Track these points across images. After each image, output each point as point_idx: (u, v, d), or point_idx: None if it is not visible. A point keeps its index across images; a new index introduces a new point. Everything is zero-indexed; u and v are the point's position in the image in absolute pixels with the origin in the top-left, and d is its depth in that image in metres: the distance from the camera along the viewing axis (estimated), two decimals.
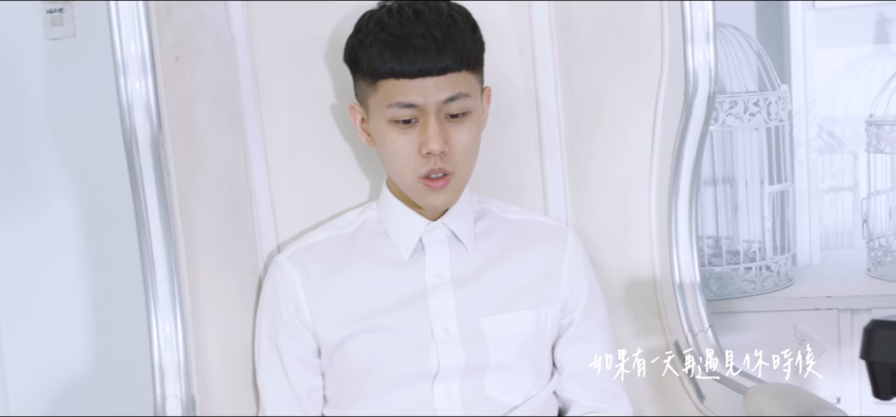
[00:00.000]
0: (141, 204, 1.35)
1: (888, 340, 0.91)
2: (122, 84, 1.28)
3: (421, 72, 1.33)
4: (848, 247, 2.08)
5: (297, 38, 1.55)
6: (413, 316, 1.40)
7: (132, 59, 1.27)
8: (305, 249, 1.46)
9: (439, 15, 1.35)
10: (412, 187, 1.40)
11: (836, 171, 2.08)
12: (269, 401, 1.45)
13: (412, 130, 1.36)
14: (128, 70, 1.27)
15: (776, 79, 1.86)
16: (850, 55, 2.04)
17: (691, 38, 1.41)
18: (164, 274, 1.38)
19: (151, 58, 1.28)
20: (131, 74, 1.27)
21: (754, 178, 1.92)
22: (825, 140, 2.07)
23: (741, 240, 1.96)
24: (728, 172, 2.00)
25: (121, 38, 1.27)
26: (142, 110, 1.29)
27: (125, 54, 1.27)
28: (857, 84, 2.05)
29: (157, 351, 1.39)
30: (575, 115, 1.58)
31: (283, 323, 1.43)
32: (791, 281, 1.85)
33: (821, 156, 2.05)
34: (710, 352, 1.50)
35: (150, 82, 1.28)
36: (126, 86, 1.28)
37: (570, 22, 1.57)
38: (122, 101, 1.28)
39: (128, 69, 1.27)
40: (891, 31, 2.04)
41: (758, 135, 1.88)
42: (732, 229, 2.00)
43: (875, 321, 0.93)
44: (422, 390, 1.39)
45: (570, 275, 1.47)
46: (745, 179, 1.92)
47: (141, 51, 1.27)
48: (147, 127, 1.30)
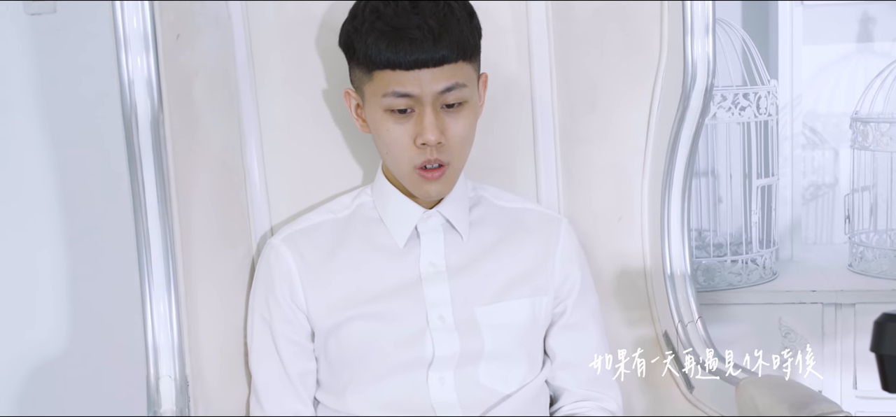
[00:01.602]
0: (138, 182, 1.33)
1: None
2: (124, 60, 1.26)
3: (417, 64, 1.33)
4: (827, 243, 2.11)
5: (292, 19, 1.54)
6: (408, 304, 1.40)
7: (134, 35, 1.26)
8: (300, 232, 1.45)
9: (436, 4, 1.34)
10: (408, 176, 1.39)
11: (818, 167, 2.11)
12: (262, 383, 1.44)
13: (408, 120, 1.36)
14: (129, 46, 1.26)
15: (765, 73, 1.88)
16: (835, 52, 2.07)
17: (691, 30, 1.43)
18: (159, 255, 1.37)
19: (153, 34, 1.26)
20: (133, 50, 1.26)
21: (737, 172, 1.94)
22: (808, 136, 2.09)
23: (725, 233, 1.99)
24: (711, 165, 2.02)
25: (123, 13, 1.25)
26: (143, 87, 1.27)
27: (127, 30, 1.25)
28: (841, 81, 2.08)
29: (151, 332, 1.38)
30: (570, 103, 1.59)
31: (278, 305, 1.42)
32: (776, 274, 1.88)
33: (803, 152, 2.08)
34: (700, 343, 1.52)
35: (151, 59, 1.27)
36: (127, 62, 1.26)
37: (567, 11, 1.57)
38: (124, 77, 1.27)
39: (129, 45, 1.26)
40: (874, 30, 2.07)
41: (739, 128, 1.90)
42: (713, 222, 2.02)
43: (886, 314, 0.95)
44: (417, 377, 1.39)
45: (563, 264, 1.48)
46: (729, 172, 1.95)
47: (143, 26, 1.26)
48: (147, 104, 1.28)
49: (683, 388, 1.51)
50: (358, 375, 1.40)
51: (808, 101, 2.08)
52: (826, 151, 2.11)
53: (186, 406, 1.37)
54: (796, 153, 2.02)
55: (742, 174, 1.94)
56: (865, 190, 1.95)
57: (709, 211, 2.02)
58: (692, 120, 1.48)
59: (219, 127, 1.47)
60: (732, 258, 1.84)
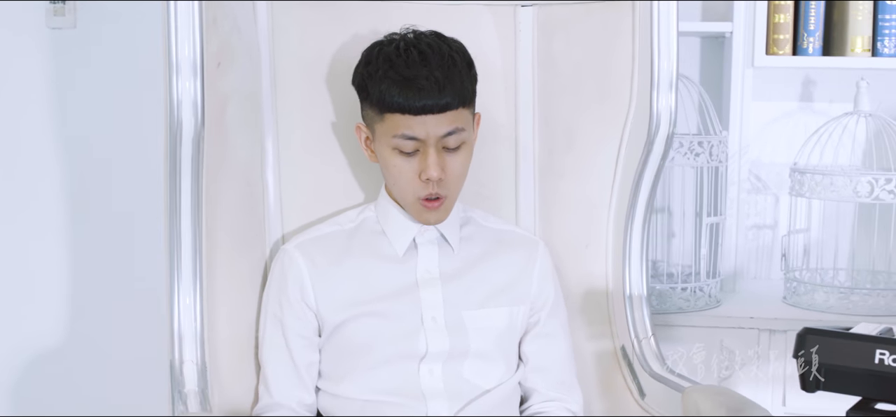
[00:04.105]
0: (176, 190, 1.51)
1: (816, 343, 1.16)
2: (174, 82, 1.44)
3: (424, 109, 1.54)
4: (766, 278, 2.34)
5: (308, 57, 1.73)
6: (406, 305, 1.60)
7: (184, 61, 1.44)
8: (311, 241, 1.65)
9: (441, 57, 1.55)
10: (411, 205, 1.60)
11: (760, 210, 2.35)
12: (272, 372, 1.63)
13: (414, 158, 1.57)
14: (180, 70, 1.44)
15: (718, 124, 2.12)
16: (779, 109, 2.32)
17: (657, 85, 1.64)
18: (188, 253, 1.55)
19: (202, 61, 1.45)
20: (183, 74, 1.44)
21: (690, 210, 2.17)
22: (752, 182, 2.33)
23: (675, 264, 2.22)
24: (667, 203, 2.25)
25: (177, 40, 1.43)
26: (189, 108, 1.46)
27: (179, 56, 1.43)
28: (783, 135, 2.32)
29: (177, 320, 1.56)
30: (549, 142, 1.81)
31: (290, 304, 1.62)
32: (719, 302, 2.11)
33: (748, 196, 2.31)
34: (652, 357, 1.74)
35: (198, 83, 1.45)
36: (177, 85, 1.44)
37: (550, 63, 1.79)
38: (173, 98, 1.45)
39: (180, 69, 1.44)
40: (814, 91, 2.32)
41: (693, 172, 2.13)
42: (666, 253, 2.25)
43: (806, 328, 1.18)
44: (409, 368, 1.59)
45: (539, 280, 1.69)
46: (683, 210, 2.18)
47: (193, 54, 1.44)
48: (192, 122, 1.47)
49: (636, 395, 1.70)
50: (358, 364, 1.59)
51: (754, 151, 2.31)
52: (768, 196, 2.35)
53: (206, 388, 1.56)
54: (742, 197, 2.26)
55: (694, 213, 2.17)
56: (800, 232, 2.19)
57: (663, 244, 2.25)
58: (654, 161, 1.70)
59: (245, 145, 1.66)
60: (682, 285, 2.07)
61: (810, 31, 2.13)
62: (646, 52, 1.66)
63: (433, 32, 1.60)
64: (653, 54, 1.64)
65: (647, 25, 1.65)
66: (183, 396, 1.53)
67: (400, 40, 1.58)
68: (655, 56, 1.64)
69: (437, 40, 1.58)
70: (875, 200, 2.01)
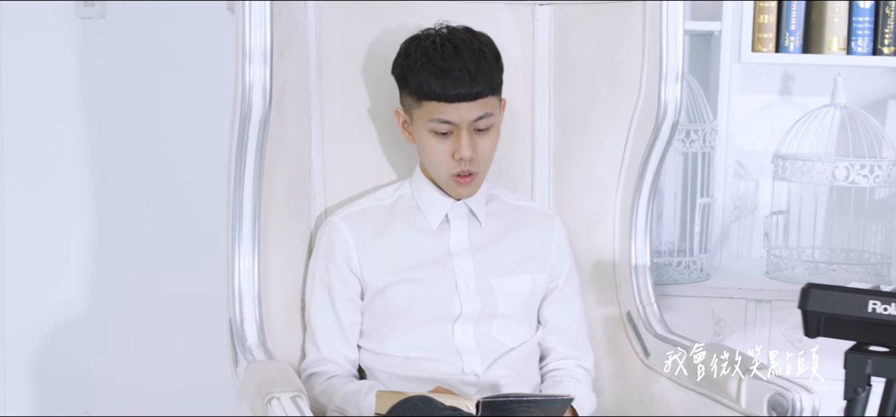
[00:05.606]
0: (242, 164, 1.69)
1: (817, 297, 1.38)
2: (246, 69, 1.62)
3: (458, 97, 1.73)
4: (747, 256, 2.56)
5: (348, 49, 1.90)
6: (441, 273, 1.79)
7: (256, 50, 1.62)
8: (355, 213, 1.84)
9: (472, 50, 1.74)
10: (445, 181, 1.79)
11: (742, 194, 2.56)
12: (320, 331, 1.81)
13: (448, 140, 1.76)
14: (253, 58, 1.62)
15: (710, 114, 2.33)
16: (761, 102, 2.53)
17: (665, 77, 1.84)
18: (249, 221, 1.73)
19: (271, 49, 1.63)
20: (255, 62, 1.62)
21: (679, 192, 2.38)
22: (736, 168, 2.54)
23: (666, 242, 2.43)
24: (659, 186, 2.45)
25: (250, 30, 1.61)
26: (259, 92, 1.64)
27: (252, 45, 1.61)
28: (764, 125, 2.53)
29: (237, 280, 1.73)
30: (563, 128, 2.00)
31: (337, 269, 1.80)
32: (709, 276, 2.33)
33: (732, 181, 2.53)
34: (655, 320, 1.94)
35: (267, 69, 1.63)
36: (249, 71, 1.62)
37: (565, 56, 1.98)
38: (245, 83, 1.63)
39: (253, 57, 1.62)
40: (792, 86, 2.53)
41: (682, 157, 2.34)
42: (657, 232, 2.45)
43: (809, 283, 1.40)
44: (444, 329, 1.78)
45: (557, 251, 1.89)
46: (675, 192, 2.39)
47: (264, 43, 1.62)
48: (260, 105, 1.65)
49: (641, 354, 1.90)
50: (398, 325, 1.78)
51: (738, 140, 2.53)
52: (749, 181, 2.56)
53: (264, 342, 1.74)
54: (727, 181, 2.47)
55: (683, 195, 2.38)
56: (781, 213, 2.41)
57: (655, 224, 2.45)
58: (660, 146, 1.89)
59: (296, 125, 1.84)
60: (677, 260, 2.28)
61: (792, 30, 2.33)
62: (655, 48, 1.85)
63: (464, 27, 1.79)
64: (661, 49, 1.83)
65: (656, 23, 1.84)
66: (246, 349, 1.70)
67: (435, 35, 1.76)
68: (664, 51, 1.83)
69: (468, 35, 1.77)
70: (851, 184, 2.23)
